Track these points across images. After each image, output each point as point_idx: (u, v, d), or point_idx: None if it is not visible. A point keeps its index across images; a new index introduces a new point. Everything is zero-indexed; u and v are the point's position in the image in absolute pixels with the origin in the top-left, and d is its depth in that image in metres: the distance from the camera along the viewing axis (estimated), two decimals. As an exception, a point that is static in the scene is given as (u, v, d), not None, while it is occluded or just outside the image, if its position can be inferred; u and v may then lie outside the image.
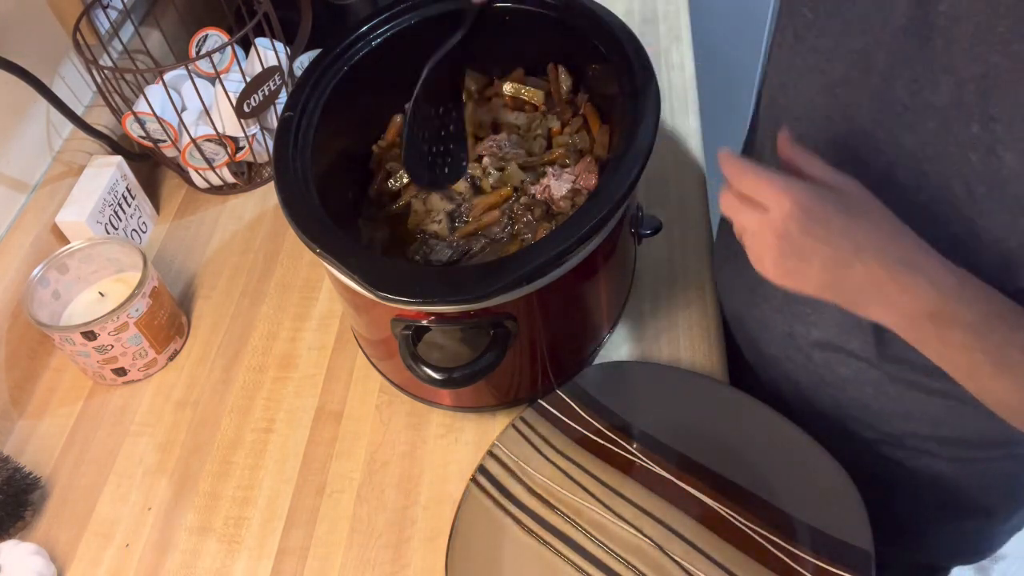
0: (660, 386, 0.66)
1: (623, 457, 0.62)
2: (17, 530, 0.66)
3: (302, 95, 0.65)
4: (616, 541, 0.58)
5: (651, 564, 0.57)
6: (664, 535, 0.58)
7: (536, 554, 0.58)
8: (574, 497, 0.61)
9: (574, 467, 0.62)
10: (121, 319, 0.70)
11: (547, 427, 0.65)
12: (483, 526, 0.60)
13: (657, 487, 0.60)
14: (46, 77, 0.80)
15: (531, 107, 0.73)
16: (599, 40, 0.66)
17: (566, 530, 0.59)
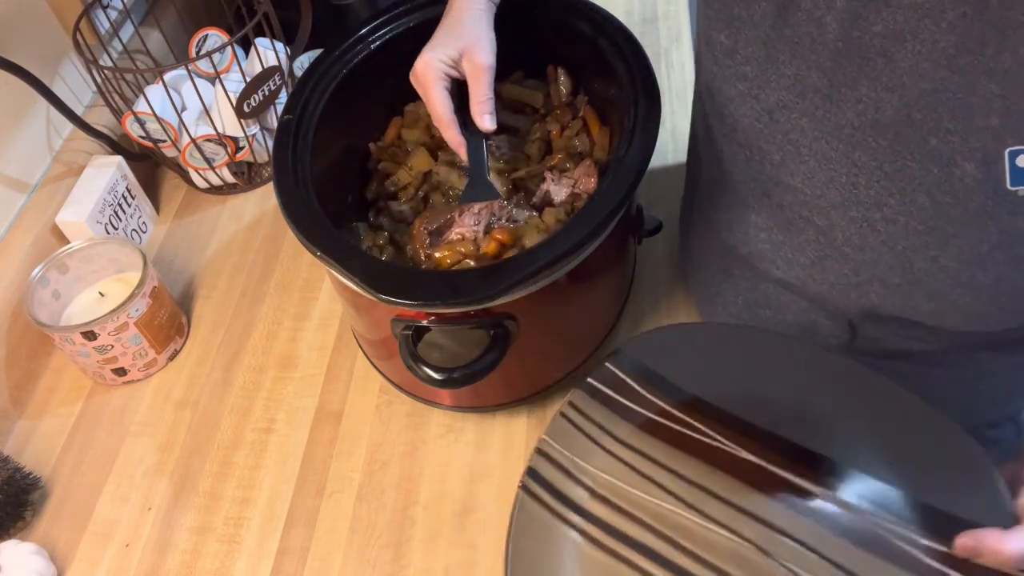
0: (733, 352, 0.54)
1: (700, 443, 0.51)
2: (17, 530, 0.67)
3: (302, 96, 0.65)
4: (709, 548, 0.47)
5: (756, 573, 0.46)
6: (767, 536, 0.47)
7: (611, 573, 0.47)
8: (648, 497, 0.49)
9: (642, 459, 0.51)
10: (121, 319, 0.70)
11: (602, 412, 0.53)
12: (543, 543, 0.49)
13: (748, 477, 0.49)
14: (46, 77, 0.80)
15: (530, 109, 0.73)
16: (599, 41, 0.66)
17: (645, 539, 0.48)
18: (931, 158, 0.45)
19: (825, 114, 0.48)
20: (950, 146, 0.44)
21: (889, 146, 0.46)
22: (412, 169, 0.70)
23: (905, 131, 0.45)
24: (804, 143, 0.50)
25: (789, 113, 0.50)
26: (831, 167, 0.49)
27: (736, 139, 0.55)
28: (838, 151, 0.49)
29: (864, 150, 0.47)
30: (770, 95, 0.50)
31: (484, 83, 0.60)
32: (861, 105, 0.46)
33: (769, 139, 0.52)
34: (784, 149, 0.51)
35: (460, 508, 0.64)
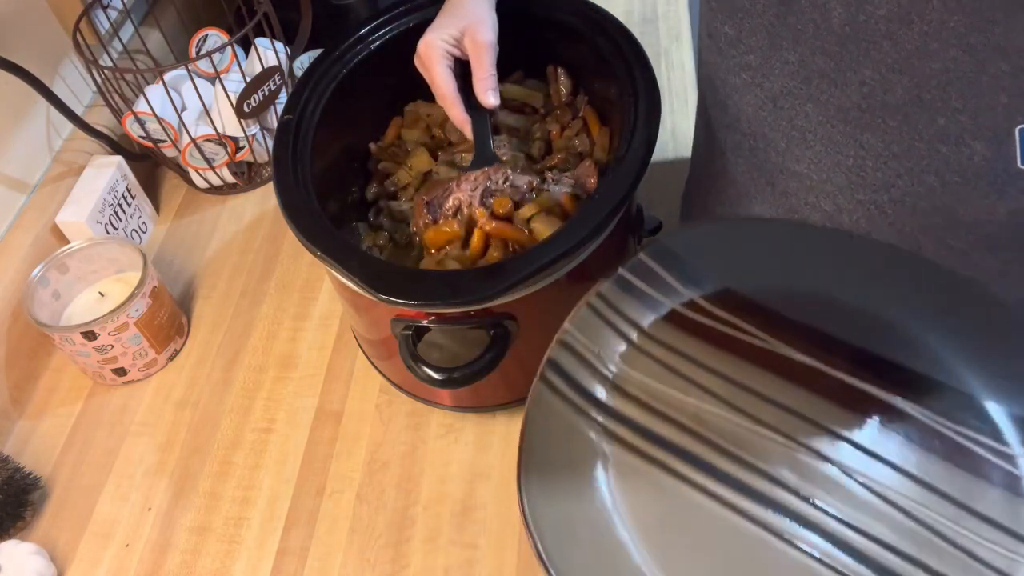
0: (779, 246, 0.48)
1: (742, 341, 0.45)
2: (17, 530, 0.67)
3: (302, 97, 0.65)
4: (758, 453, 0.41)
5: (816, 481, 0.40)
6: (825, 441, 0.41)
7: (643, 477, 0.41)
8: (686, 397, 0.43)
9: (679, 358, 0.45)
10: (121, 319, 0.70)
11: (633, 305, 0.47)
12: (563, 442, 0.43)
13: (800, 378, 0.43)
14: (46, 77, 0.80)
15: (531, 109, 0.73)
16: (598, 41, 0.66)
17: (682, 441, 0.42)
18: (940, 138, 0.45)
19: (830, 98, 0.48)
20: (959, 125, 0.44)
21: (898, 127, 0.46)
22: (412, 169, 0.70)
23: (914, 112, 0.45)
24: (809, 128, 0.50)
25: (794, 99, 0.50)
26: (838, 151, 0.49)
27: (740, 129, 0.55)
28: (845, 134, 0.49)
29: (873, 132, 0.47)
30: (774, 82, 0.50)
31: (486, 60, 0.60)
32: (867, 88, 0.46)
33: (773, 126, 0.52)
34: (789, 136, 0.51)
35: (460, 508, 0.64)
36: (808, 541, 0.38)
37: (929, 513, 0.38)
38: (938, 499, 0.38)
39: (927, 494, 0.38)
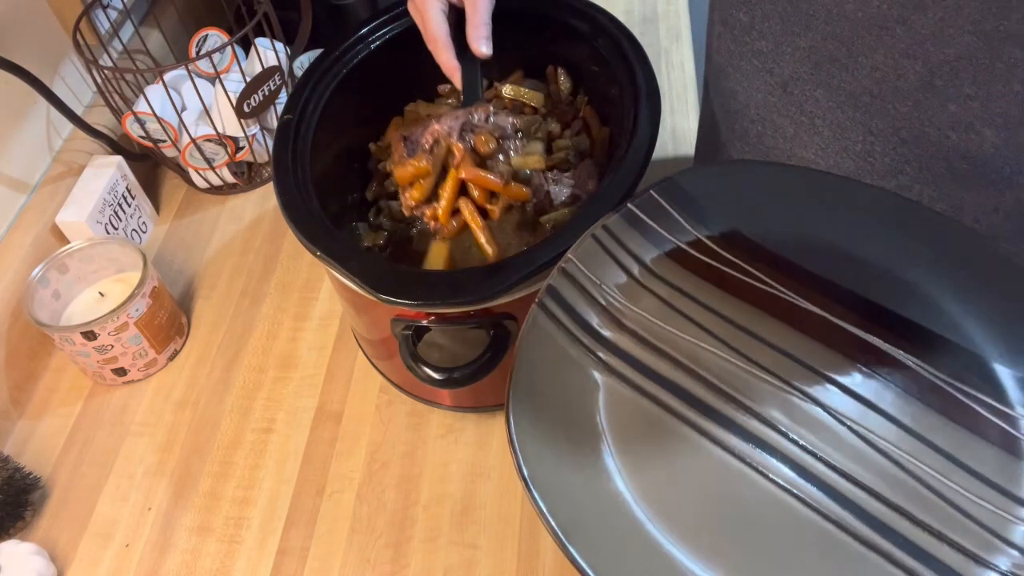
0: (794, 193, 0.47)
1: (746, 284, 0.44)
2: (17, 530, 0.67)
3: (301, 97, 0.65)
4: (749, 392, 0.41)
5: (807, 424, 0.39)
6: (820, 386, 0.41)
7: (636, 410, 0.41)
8: (685, 336, 0.43)
9: (680, 296, 0.44)
10: (121, 319, 0.70)
11: (638, 241, 0.46)
12: (555, 367, 0.42)
13: (799, 323, 0.43)
14: (46, 77, 0.80)
15: (531, 109, 0.73)
16: (598, 41, 0.66)
17: (677, 379, 0.42)
18: (950, 124, 0.45)
19: (841, 83, 0.48)
20: (970, 112, 0.43)
21: (908, 113, 0.46)
22: (412, 169, 0.70)
23: (925, 98, 0.45)
24: (819, 114, 0.50)
25: (804, 85, 0.50)
26: (846, 136, 0.49)
27: (748, 115, 0.55)
28: (854, 120, 0.48)
29: (882, 118, 0.47)
30: (784, 68, 0.50)
31: (481, 9, 0.58)
32: (879, 73, 0.46)
33: (782, 112, 0.52)
34: (798, 121, 0.51)
35: (460, 508, 0.64)
36: (789, 479, 0.38)
37: (918, 464, 0.38)
38: (930, 451, 0.38)
39: (919, 446, 0.38)
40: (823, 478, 0.38)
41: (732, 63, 0.54)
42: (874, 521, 0.36)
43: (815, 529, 0.36)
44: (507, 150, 0.59)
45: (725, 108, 0.57)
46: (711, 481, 0.38)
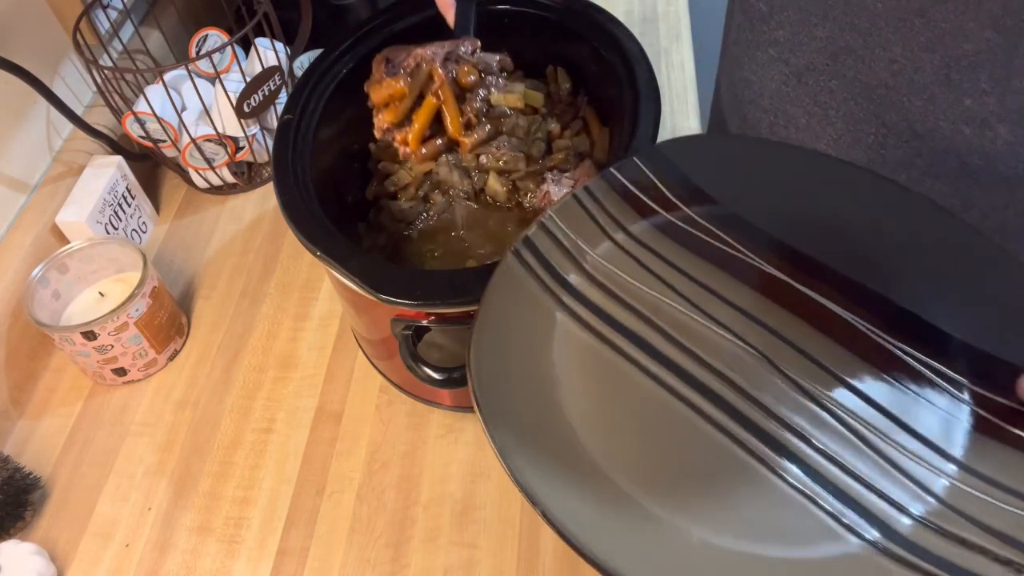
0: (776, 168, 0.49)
1: (718, 249, 0.46)
2: (17, 530, 0.67)
3: (301, 97, 0.65)
4: (706, 346, 0.43)
5: (754, 378, 0.41)
6: (773, 345, 0.42)
7: (594, 354, 0.43)
8: (650, 291, 0.45)
9: (651, 256, 0.47)
10: (121, 319, 0.70)
11: (618, 205, 0.48)
12: (521, 310, 0.45)
13: (763, 287, 0.45)
14: (46, 77, 0.80)
15: (531, 109, 0.73)
16: (598, 41, 0.66)
17: (637, 328, 0.44)
18: (965, 119, 0.44)
19: (856, 75, 0.48)
20: (985, 107, 0.43)
21: (923, 106, 0.46)
22: (412, 169, 0.70)
23: (941, 91, 0.45)
24: (833, 105, 0.50)
25: (819, 75, 0.50)
26: (859, 128, 0.49)
27: (761, 105, 0.55)
28: (868, 112, 0.48)
29: (897, 110, 0.47)
30: (800, 58, 0.50)
31: None
32: (896, 65, 0.46)
33: (796, 102, 0.52)
34: (811, 111, 0.51)
35: (460, 508, 0.64)
36: (724, 421, 0.40)
37: (857, 418, 0.39)
38: (872, 410, 0.40)
39: (862, 404, 0.40)
40: (759, 423, 0.40)
41: (748, 52, 0.54)
42: (804, 465, 0.38)
43: (746, 468, 0.38)
44: (488, 85, 0.57)
45: (738, 97, 0.57)
46: (651, 417, 0.41)
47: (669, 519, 0.37)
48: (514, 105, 0.59)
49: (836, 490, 0.37)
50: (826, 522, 0.36)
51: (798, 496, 0.37)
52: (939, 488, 0.36)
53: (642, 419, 0.41)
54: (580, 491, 0.38)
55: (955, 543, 0.34)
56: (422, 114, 0.56)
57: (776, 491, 0.38)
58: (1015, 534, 0.33)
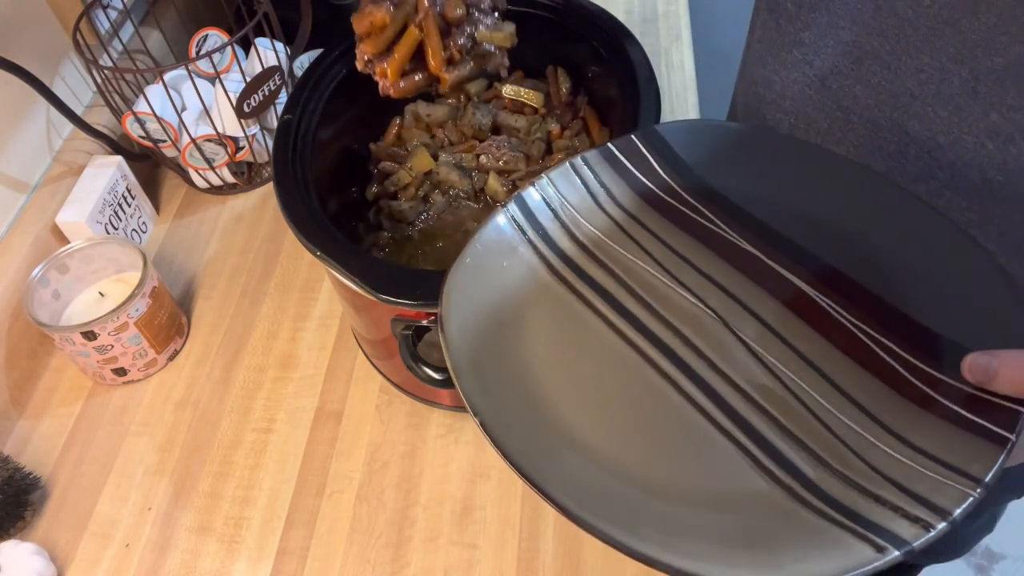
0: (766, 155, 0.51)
1: (700, 224, 0.49)
2: (17, 530, 0.67)
3: (301, 97, 0.65)
4: (667, 305, 0.46)
5: (708, 337, 0.44)
6: (733, 310, 0.45)
7: (560, 300, 0.47)
8: (626, 253, 0.48)
9: (634, 224, 0.49)
10: (121, 319, 0.70)
11: (611, 176, 0.51)
12: (502, 261, 0.48)
13: (736, 261, 0.47)
14: (46, 77, 0.80)
15: (531, 109, 0.73)
16: (598, 41, 0.66)
17: (605, 283, 0.47)
18: (989, 134, 0.44)
19: (881, 81, 0.47)
20: (1011, 123, 0.43)
21: (948, 118, 0.45)
22: (412, 169, 0.70)
23: (967, 104, 0.44)
24: (855, 110, 0.50)
25: (843, 79, 0.49)
26: (881, 135, 0.49)
27: (782, 107, 0.54)
28: (891, 120, 0.48)
29: (920, 120, 0.46)
30: (825, 60, 0.50)
31: None
32: (923, 75, 0.45)
33: (818, 106, 0.51)
34: (833, 116, 0.51)
35: (460, 508, 0.64)
36: (674, 374, 0.43)
37: (800, 384, 0.41)
38: (816, 375, 0.42)
39: (807, 368, 0.42)
40: (708, 380, 0.42)
41: (772, 52, 0.54)
42: (736, 415, 0.41)
43: (683, 413, 0.41)
44: (476, 22, 0.56)
45: (759, 97, 0.57)
46: (604, 362, 0.44)
47: (604, 449, 0.40)
48: (501, 44, 0.58)
49: (763, 440, 0.40)
50: (745, 465, 0.39)
51: (726, 440, 0.40)
52: (866, 450, 0.38)
53: (596, 363, 0.44)
54: (524, 415, 0.41)
55: (872, 500, 0.36)
56: (403, 46, 0.54)
57: (707, 435, 0.40)
58: (932, 497, 0.35)
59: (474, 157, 0.70)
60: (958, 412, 0.38)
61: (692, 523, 0.37)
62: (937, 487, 0.35)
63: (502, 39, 0.58)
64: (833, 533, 0.35)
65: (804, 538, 0.35)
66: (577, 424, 0.41)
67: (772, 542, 0.36)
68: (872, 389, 0.41)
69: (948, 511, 0.34)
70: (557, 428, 0.41)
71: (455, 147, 0.72)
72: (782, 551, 0.35)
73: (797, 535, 0.36)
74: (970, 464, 0.35)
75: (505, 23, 0.59)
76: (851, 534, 0.35)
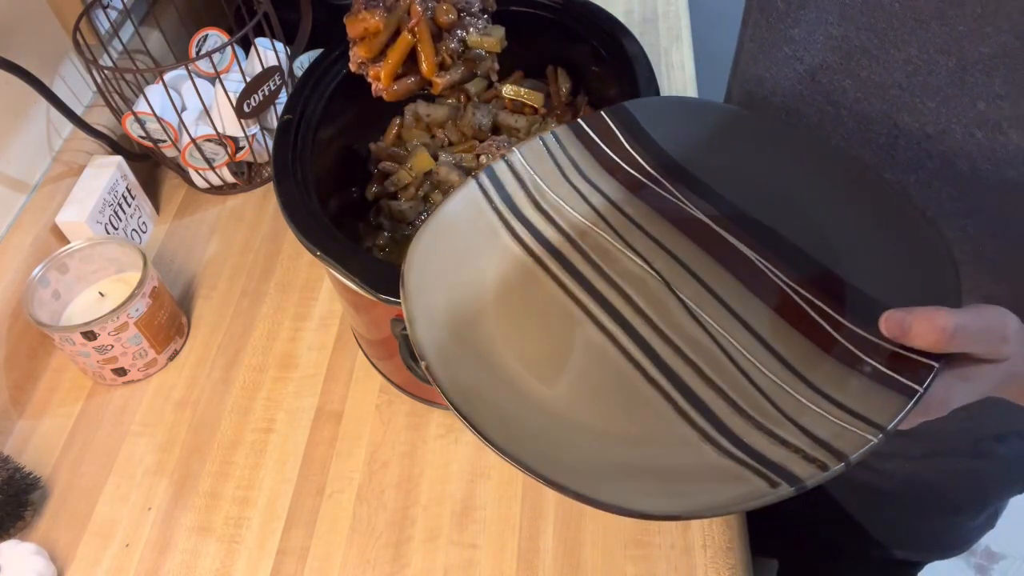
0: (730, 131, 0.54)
1: (657, 194, 0.52)
2: (17, 530, 0.67)
3: (302, 97, 0.65)
4: (616, 267, 0.49)
5: (650, 297, 0.47)
6: (676, 272, 0.48)
7: (518, 262, 0.50)
8: (584, 220, 0.52)
9: (596, 193, 0.53)
10: (121, 319, 0.70)
11: (579, 150, 0.55)
12: (468, 223, 0.52)
13: (686, 227, 0.50)
14: (46, 77, 0.80)
15: (531, 109, 0.73)
16: (598, 41, 0.66)
17: (561, 247, 0.51)
18: (977, 123, 0.44)
19: (870, 75, 0.48)
20: (999, 112, 0.43)
21: (936, 108, 0.46)
22: (412, 169, 0.70)
23: (954, 94, 0.45)
24: (845, 104, 0.50)
25: (832, 74, 0.50)
26: (871, 128, 0.49)
27: (773, 104, 0.55)
28: (880, 112, 0.48)
29: (909, 112, 0.47)
30: (815, 56, 0.51)
31: None
32: (911, 67, 0.46)
33: (808, 101, 0.52)
34: (823, 110, 0.52)
35: (460, 508, 0.64)
36: (612, 329, 0.46)
37: (730, 339, 0.44)
38: (746, 333, 0.44)
39: (740, 328, 0.45)
40: (644, 335, 0.45)
41: (763, 50, 0.55)
42: (669, 371, 0.44)
43: (620, 369, 0.44)
44: (467, 26, 0.57)
45: (750, 95, 0.57)
46: (551, 317, 0.47)
47: (538, 392, 0.44)
48: (491, 48, 0.59)
49: (687, 389, 0.43)
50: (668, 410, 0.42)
51: (653, 390, 0.43)
52: (782, 400, 0.41)
53: (542, 317, 0.47)
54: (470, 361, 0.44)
55: (777, 443, 0.39)
56: (396, 50, 0.56)
57: (637, 384, 0.43)
58: (833, 442, 0.37)
59: (474, 157, 0.70)
60: (876, 367, 0.40)
61: (610, 456, 0.40)
62: (840, 433, 0.38)
63: (492, 44, 0.59)
64: (735, 471, 0.38)
65: (708, 473, 0.39)
66: (518, 370, 0.44)
67: (679, 475, 0.39)
68: (798, 345, 0.43)
69: (846, 454, 0.36)
70: (499, 373, 0.44)
71: (455, 147, 0.72)
72: (687, 484, 0.38)
73: (704, 471, 0.39)
74: (877, 413, 0.38)
75: (495, 27, 0.59)
76: (751, 471, 0.38)
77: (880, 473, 0.70)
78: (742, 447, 0.39)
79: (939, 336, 0.36)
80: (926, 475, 0.68)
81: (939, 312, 0.36)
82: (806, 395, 0.41)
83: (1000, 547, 1.53)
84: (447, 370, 0.43)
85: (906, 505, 0.73)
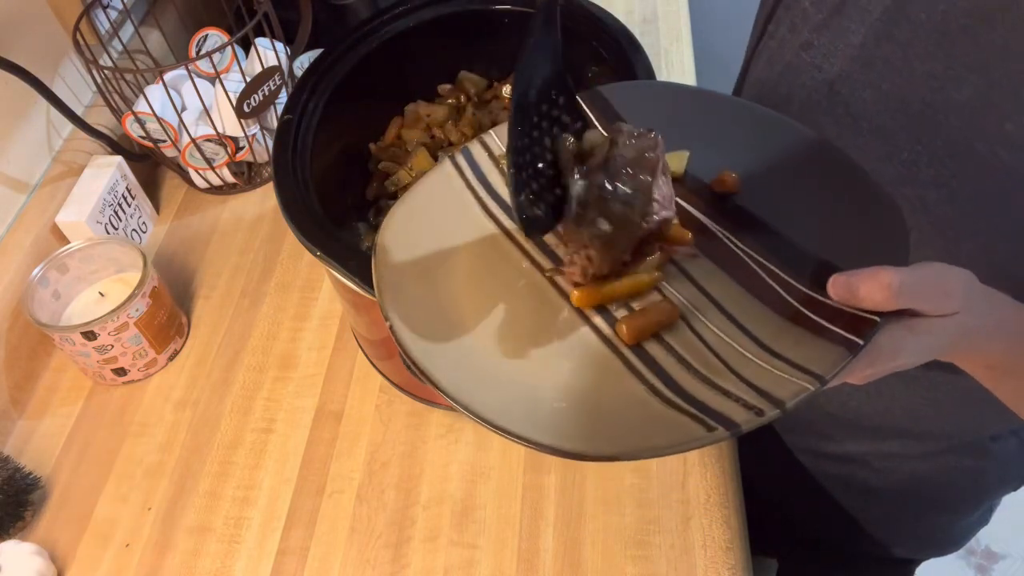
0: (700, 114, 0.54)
1: None
2: (17, 530, 0.67)
3: (301, 97, 0.65)
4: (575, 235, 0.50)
5: None
6: None
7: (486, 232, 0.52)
8: None
9: None
10: (121, 319, 0.70)
11: None
12: (442, 199, 0.53)
13: None
14: (46, 77, 0.80)
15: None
16: (598, 41, 0.66)
17: None
18: (1003, 143, 0.43)
19: (892, 88, 0.47)
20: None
21: (961, 126, 0.45)
22: (412, 169, 0.70)
23: (981, 112, 0.43)
24: (865, 116, 0.49)
25: (852, 84, 0.49)
26: (892, 143, 0.48)
27: (790, 111, 0.54)
28: (903, 126, 0.47)
29: (934, 127, 0.46)
30: (834, 64, 0.49)
31: None
32: (936, 82, 0.45)
33: (827, 111, 0.51)
34: (843, 122, 0.50)
35: (460, 508, 0.64)
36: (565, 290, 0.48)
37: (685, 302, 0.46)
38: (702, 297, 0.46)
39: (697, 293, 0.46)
40: None
41: (781, 54, 0.53)
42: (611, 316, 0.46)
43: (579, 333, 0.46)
44: None
45: (763, 99, 0.56)
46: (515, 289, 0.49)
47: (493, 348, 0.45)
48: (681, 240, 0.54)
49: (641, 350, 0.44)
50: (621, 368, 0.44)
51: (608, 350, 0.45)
52: (730, 357, 0.42)
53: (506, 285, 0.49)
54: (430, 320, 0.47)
55: (720, 393, 0.40)
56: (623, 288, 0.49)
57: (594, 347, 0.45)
58: (772, 391, 0.39)
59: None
60: (822, 324, 0.41)
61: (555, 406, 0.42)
62: (781, 382, 0.39)
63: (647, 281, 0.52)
64: (676, 418, 0.40)
65: (649, 419, 0.40)
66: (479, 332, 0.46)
67: (621, 421, 0.41)
68: (750, 307, 0.45)
69: (783, 401, 0.38)
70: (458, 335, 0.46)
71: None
72: (630, 429, 0.40)
73: (645, 417, 0.41)
74: (818, 364, 0.39)
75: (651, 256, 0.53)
76: (690, 418, 0.39)
77: (879, 472, 0.70)
78: (686, 398, 0.41)
79: (886, 294, 0.36)
80: (925, 474, 0.68)
81: (883, 271, 0.37)
82: (752, 350, 0.42)
83: (1000, 547, 1.53)
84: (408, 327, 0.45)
85: (905, 504, 0.73)
